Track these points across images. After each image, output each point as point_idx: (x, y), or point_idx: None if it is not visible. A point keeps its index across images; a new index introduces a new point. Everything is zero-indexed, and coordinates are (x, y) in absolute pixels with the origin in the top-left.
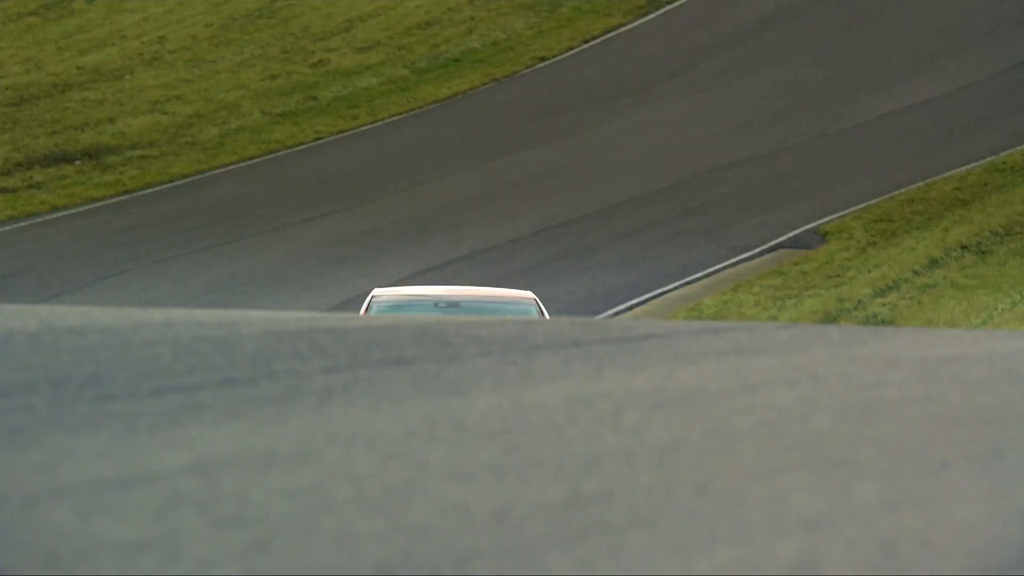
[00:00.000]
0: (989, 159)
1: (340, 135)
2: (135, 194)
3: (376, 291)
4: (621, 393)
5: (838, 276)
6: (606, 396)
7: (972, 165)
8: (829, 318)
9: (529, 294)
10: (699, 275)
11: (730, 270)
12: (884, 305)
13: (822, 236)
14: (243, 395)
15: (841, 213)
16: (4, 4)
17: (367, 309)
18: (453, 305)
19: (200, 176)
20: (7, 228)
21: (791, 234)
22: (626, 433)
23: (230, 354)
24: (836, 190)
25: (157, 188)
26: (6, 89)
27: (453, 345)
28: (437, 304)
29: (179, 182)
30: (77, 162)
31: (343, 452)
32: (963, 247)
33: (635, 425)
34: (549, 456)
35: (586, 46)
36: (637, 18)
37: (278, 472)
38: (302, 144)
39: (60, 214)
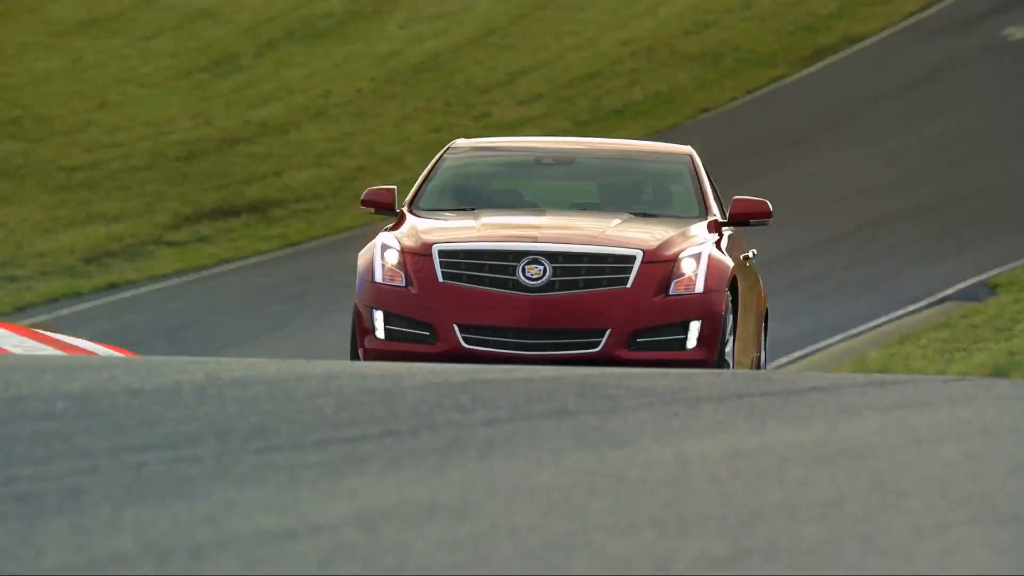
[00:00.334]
0: None
1: None
2: (300, 247)
3: (456, 142)
4: (784, 446)
5: (1008, 329)
6: (769, 449)
7: None
8: (999, 372)
9: (685, 149)
10: (864, 327)
11: (896, 323)
12: None
13: (992, 288)
14: (405, 447)
15: (1011, 265)
16: (175, 61)
17: (434, 166)
18: (564, 162)
19: (364, 229)
20: (175, 281)
21: (959, 286)
22: (789, 487)
23: (392, 406)
24: (1006, 242)
25: (322, 241)
26: (176, 144)
27: (614, 397)
28: (540, 160)
29: (343, 235)
30: (244, 215)
31: (504, 504)
32: None
33: (799, 479)
34: (711, 510)
35: (749, 97)
36: (801, 69)
37: (440, 524)
38: None
39: (226, 267)
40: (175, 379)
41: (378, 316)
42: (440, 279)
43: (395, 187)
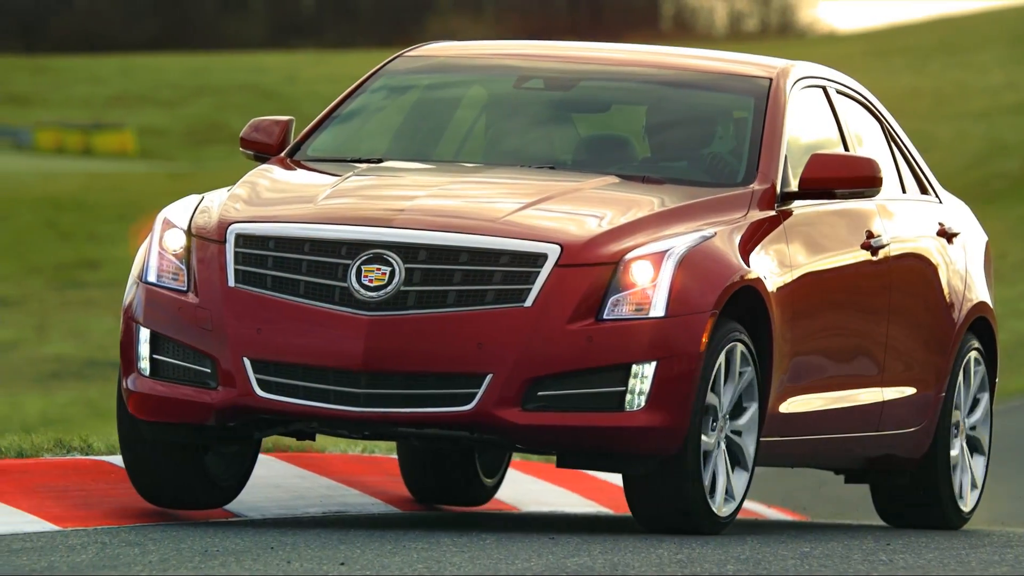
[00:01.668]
0: None
1: None
2: None
3: (412, 49)
4: None
5: None
6: None
7: None
8: None
9: (772, 67)
10: None
11: None
12: None
13: None
14: None
15: None
16: None
17: (360, 87)
18: (561, 85)
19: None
20: None
21: None
22: None
23: None
24: None
25: None
26: None
27: None
28: (522, 83)
29: (1014, 400)
30: None
31: None
32: None
33: None
34: None
35: None
36: None
37: None
38: None
39: None
40: (846, 543)
41: (144, 338)
42: (231, 283)
43: (291, 119)
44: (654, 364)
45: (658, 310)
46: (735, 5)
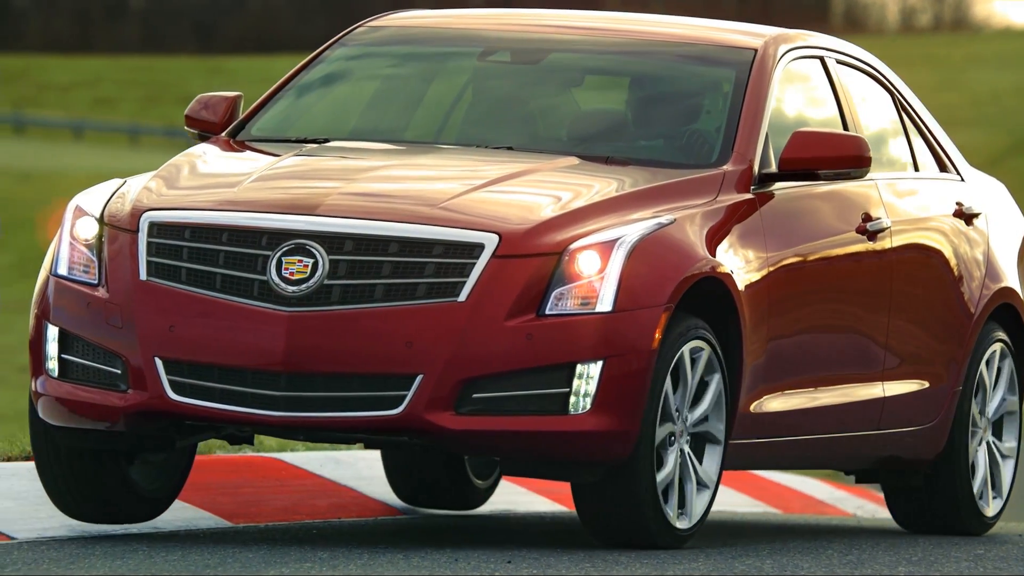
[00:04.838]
0: None
1: None
2: None
3: (373, 19)
4: None
5: None
6: None
7: None
8: None
9: (760, 36)
10: None
11: None
12: None
13: None
14: None
15: None
16: None
17: (312, 61)
18: (528, 59)
19: None
20: None
21: None
22: None
23: None
24: None
25: None
26: None
27: None
28: (487, 55)
29: None
30: None
31: None
32: None
33: None
34: None
35: None
36: None
37: None
38: None
39: None
40: (1022, 546)
41: (52, 336)
42: (143, 276)
43: (239, 95)
44: (600, 363)
45: (605, 304)
46: (908, 0)
